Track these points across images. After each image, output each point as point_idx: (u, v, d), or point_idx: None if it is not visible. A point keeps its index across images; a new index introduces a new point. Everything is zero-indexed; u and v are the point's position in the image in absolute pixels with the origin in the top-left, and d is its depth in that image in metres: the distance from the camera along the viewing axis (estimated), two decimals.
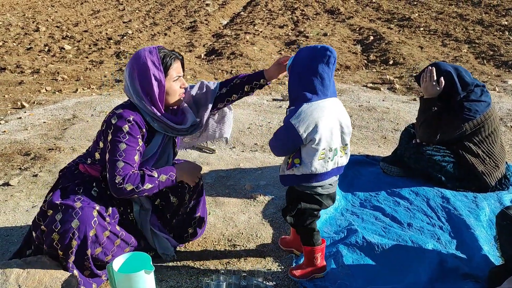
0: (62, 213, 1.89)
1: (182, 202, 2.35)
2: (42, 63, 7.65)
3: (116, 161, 1.96)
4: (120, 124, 1.97)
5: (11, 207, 2.96)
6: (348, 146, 2.03)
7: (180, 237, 2.39)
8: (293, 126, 1.86)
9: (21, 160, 3.74)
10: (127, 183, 1.95)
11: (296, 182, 2.01)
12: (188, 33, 10.29)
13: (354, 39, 9.09)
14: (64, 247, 1.89)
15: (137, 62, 2.01)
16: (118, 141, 1.97)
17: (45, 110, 5.15)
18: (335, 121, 1.92)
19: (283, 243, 2.45)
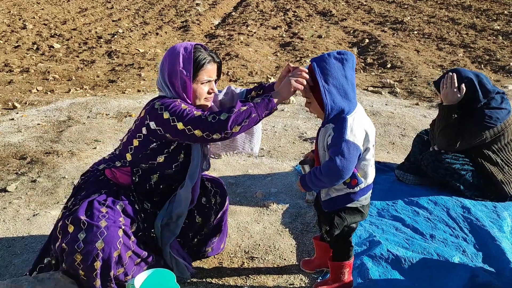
0: (86, 231, 1.76)
1: (206, 222, 2.24)
2: (31, 61, 7.40)
3: (193, 114, 1.83)
4: (168, 101, 1.89)
5: (11, 216, 2.79)
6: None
7: (199, 252, 2.27)
8: (353, 142, 1.76)
9: (17, 164, 3.56)
10: (221, 114, 1.80)
11: (351, 200, 1.88)
12: (180, 33, 10.12)
13: (349, 42, 9.05)
14: (86, 269, 1.75)
15: (169, 55, 1.94)
16: (177, 106, 1.85)
17: (38, 111, 4.95)
18: (369, 126, 1.86)
19: (309, 266, 2.26)
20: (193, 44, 1.96)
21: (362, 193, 1.89)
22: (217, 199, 2.27)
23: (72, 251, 1.74)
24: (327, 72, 1.76)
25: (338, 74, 1.77)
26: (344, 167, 1.76)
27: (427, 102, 5.36)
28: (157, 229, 2.02)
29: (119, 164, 2.02)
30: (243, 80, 6.51)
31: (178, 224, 2.08)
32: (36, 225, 2.68)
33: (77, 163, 3.57)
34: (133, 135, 1.98)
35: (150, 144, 1.93)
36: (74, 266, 1.75)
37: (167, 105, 1.87)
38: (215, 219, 2.28)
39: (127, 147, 2.00)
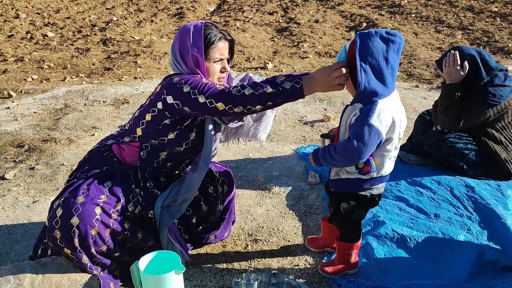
0: (63, 208, 1.73)
1: (212, 211, 2.21)
2: (26, 50, 7.30)
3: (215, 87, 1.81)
4: (187, 76, 1.87)
5: (10, 203, 2.76)
6: (400, 141, 1.83)
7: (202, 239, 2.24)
8: (376, 128, 1.65)
9: (14, 152, 3.51)
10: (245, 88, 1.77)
11: (360, 186, 1.82)
12: (175, 20, 10.01)
13: (347, 26, 8.97)
14: (68, 246, 1.72)
15: (180, 33, 1.92)
16: (198, 80, 1.83)
17: (34, 100, 4.89)
18: (402, 116, 1.75)
19: (314, 244, 2.25)
20: (204, 22, 1.93)
21: (374, 183, 1.81)
22: (225, 188, 2.23)
23: (51, 228, 1.72)
24: (368, 51, 1.66)
25: (379, 55, 1.66)
26: (360, 151, 1.68)
27: (427, 84, 5.32)
28: (157, 209, 1.97)
29: (128, 139, 1.98)
30: (240, 66, 6.45)
31: (180, 208, 2.04)
32: (36, 211, 2.65)
33: (75, 150, 3.53)
34: (146, 110, 1.94)
35: (164, 119, 1.90)
36: (58, 244, 1.73)
37: (187, 79, 1.84)
38: (221, 208, 2.25)
39: (138, 121, 1.96)
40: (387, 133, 1.70)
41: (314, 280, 2.04)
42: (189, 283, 2.01)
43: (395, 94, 1.75)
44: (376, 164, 1.77)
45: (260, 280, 1.95)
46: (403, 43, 1.70)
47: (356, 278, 2.01)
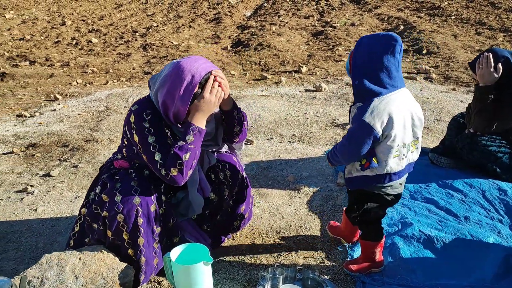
0: (121, 193, 1.84)
1: (222, 198, 2.25)
2: (71, 56, 7.68)
3: (153, 155, 1.85)
4: (140, 121, 1.87)
5: (55, 198, 2.95)
6: (420, 140, 1.88)
7: (228, 227, 2.33)
8: (368, 124, 1.71)
9: (59, 151, 3.74)
10: (170, 168, 1.83)
11: (368, 183, 1.88)
12: (213, 25, 10.23)
13: (383, 29, 8.89)
14: (131, 228, 1.84)
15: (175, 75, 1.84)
16: (146, 137, 1.86)
17: (78, 102, 5.16)
18: (407, 114, 1.79)
19: (332, 230, 2.38)
20: (203, 75, 1.85)
21: (382, 181, 1.85)
22: (226, 172, 2.22)
23: (114, 214, 1.82)
24: (361, 55, 1.77)
25: (372, 58, 1.75)
26: (354, 146, 1.77)
27: (464, 87, 5.22)
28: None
29: (120, 156, 2.07)
30: (275, 70, 6.54)
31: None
32: (78, 206, 2.82)
33: (115, 149, 3.71)
34: (123, 135, 2.01)
35: (133, 146, 1.96)
36: (119, 228, 1.84)
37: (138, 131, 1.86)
38: (234, 193, 2.27)
39: (122, 144, 2.04)
40: (385, 129, 1.74)
41: (339, 277, 2.09)
42: (218, 276, 2.10)
43: (401, 93, 1.79)
44: (377, 160, 1.81)
45: (286, 275, 2.01)
46: (400, 43, 1.74)
47: (380, 277, 2.04)
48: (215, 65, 1.98)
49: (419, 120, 1.83)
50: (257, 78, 6.14)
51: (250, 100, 4.91)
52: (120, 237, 1.86)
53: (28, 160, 3.59)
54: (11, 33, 9.76)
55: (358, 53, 1.80)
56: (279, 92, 5.30)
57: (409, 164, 1.90)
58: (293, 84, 5.68)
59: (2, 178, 3.27)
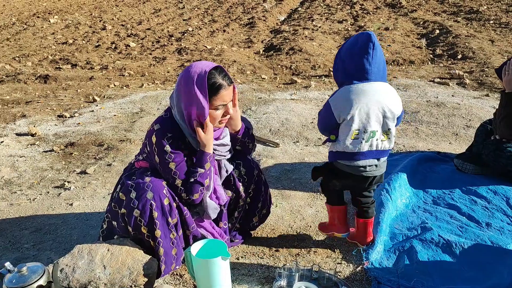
0: (135, 190, 1.97)
1: (238, 195, 2.31)
2: (110, 59, 8.01)
3: (174, 180, 2.01)
4: (162, 144, 1.99)
5: (89, 194, 3.13)
6: (392, 132, 2.09)
7: (248, 224, 2.41)
8: (329, 105, 2.06)
9: (95, 150, 3.94)
10: (193, 195, 2.02)
11: (334, 158, 2.18)
12: (246, 30, 10.38)
13: (418, 33, 8.77)
14: (147, 221, 1.96)
15: (185, 81, 1.96)
16: (167, 163, 2.00)
17: (114, 104, 5.39)
18: (375, 105, 2.00)
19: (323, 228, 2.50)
20: (207, 70, 1.95)
21: (338, 157, 2.14)
22: (241, 170, 2.29)
23: (130, 210, 1.95)
24: (341, 50, 2.11)
25: (345, 55, 2.07)
26: (319, 121, 2.21)
27: (498, 93, 5.10)
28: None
29: (141, 158, 2.19)
30: (305, 74, 6.59)
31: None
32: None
33: None
34: (144, 145, 2.12)
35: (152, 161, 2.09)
36: (137, 223, 1.96)
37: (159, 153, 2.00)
38: (250, 190, 2.33)
39: (143, 149, 2.16)
40: (342, 113, 2.03)
41: (355, 278, 2.13)
42: (237, 272, 2.19)
43: (375, 85, 2.02)
44: (333, 137, 2.13)
45: (302, 273, 2.08)
46: (373, 40, 1.99)
47: (396, 279, 2.08)
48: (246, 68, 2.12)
49: (391, 113, 2.04)
50: (287, 82, 6.22)
51: (278, 104, 4.99)
52: (140, 231, 1.98)
53: (66, 158, 3.81)
54: (55, 37, 10.26)
55: (341, 48, 2.12)
56: (308, 96, 5.35)
57: (378, 151, 2.10)
58: (322, 89, 5.72)
59: (42, 174, 3.49)
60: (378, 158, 2.12)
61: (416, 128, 4.12)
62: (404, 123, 4.27)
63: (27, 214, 2.88)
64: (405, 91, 5.32)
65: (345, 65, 2.07)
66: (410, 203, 2.76)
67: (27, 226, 2.72)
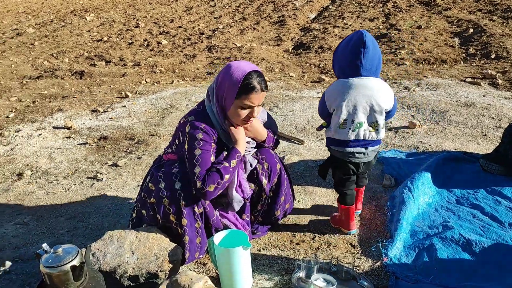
0: (164, 180, 2.08)
1: (261, 188, 2.38)
2: (142, 56, 8.22)
3: (194, 167, 2.06)
4: (194, 132, 2.09)
5: (120, 185, 3.27)
6: (379, 124, 2.28)
7: (270, 217, 2.48)
8: (324, 95, 2.33)
9: (126, 144, 4.10)
10: (208, 185, 2.04)
11: (328, 143, 2.42)
12: (276, 27, 10.42)
13: (452, 32, 8.59)
14: (175, 210, 2.07)
15: (225, 72, 2.09)
16: (194, 148, 2.08)
17: (145, 100, 5.56)
18: (363, 98, 2.21)
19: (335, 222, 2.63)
20: (248, 72, 2.05)
21: (330, 142, 2.40)
22: (264, 164, 2.36)
23: (159, 200, 2.07)
24: (338, 46, 2.33)
25: (340, 52, 2.29)
26: (318, 108, 2.43)
27: None
28: None
29: (170, 150, 2.29)
30: (333, 72, 6.59)
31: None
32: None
33: None
34: (175, 136, 2.22)
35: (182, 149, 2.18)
36: (166, 212, 2.08)
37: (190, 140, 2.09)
38: (273, 184, 2.40)
39: (173, 141, 2.26)
40: (332, 103, 2.27)
41: (373, 273, 2.17)
42: (258, 262, 2.27)
43: (365, 80, 2.22)
44: (324, 124, 2.38)
45: (321, 266, 2.14)
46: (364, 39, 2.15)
47: (414, 275, 2.10)
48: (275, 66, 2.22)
49: (379, 106, 2.23)
50: (315, 80, 6.24)
51: (305, 102, 5.03)
52: (168, 219, 2.09)
53: (99, 150, 3.98)
54: (90, 34, 10.60)
55: (336, 49, 2.34)
56: None
57: (366, 140, 2.30)
58: None
59: (77, 166, 3.67)
60: (365, 147, 2.33)
61: (444, 128, 4.08)
62: (432, 122, 4.24)
63: (62, 202, 3.04)
64: (434, 90, 5.26)
65: (340, 62, 2.29)
66: (433, 202, 2.77)
67: (62, 214, 2.88)
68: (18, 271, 2.25)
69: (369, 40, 2.17)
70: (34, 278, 2.18)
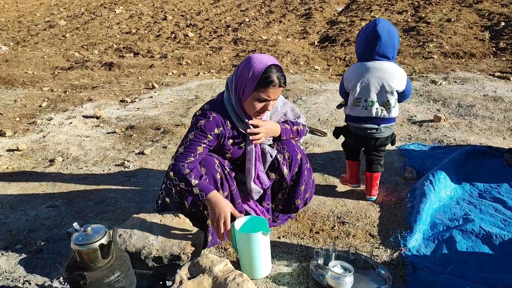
0: (188, 167, 2.14)
1: (282, 177, 2.41)
2: (169, 49, 8.36)
3: (180, 145, 2.18)
4: (199, 118, 2.18)
5: (145, 172, 3.38)
6: (391, 104, 2.55)
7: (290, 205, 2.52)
8: (343, 77, 2.68)
9: (153, 133, 4.22)
10: (171, 170, 2.13)
11: (346, 120, 2.74)
12: (303, 20, 10.40)
13: (482, 25, 8.39)
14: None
15: (246, 65, 2.14)
16: (190, 131, 2.19)
17: (171, 91, 5.68)
18: (376, 80, 2.51)
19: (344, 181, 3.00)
20: (268, 64, 2.09)
21: (347, 118, 2.72)
22: (285, 154, 2.39)
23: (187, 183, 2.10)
24: (357, 35, 2.64)
25: (358, 39, 2.61)
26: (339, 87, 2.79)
27: None
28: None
29: None
30: None
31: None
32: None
33: None
34: None
35: None
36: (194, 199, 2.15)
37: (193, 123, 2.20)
38: (294, 173, 2.43)
39: None
40: (349, 84, 2.61)
41: (391, 263, 2.20)
42: (278, 249, 2.32)
43: (379, 63, 2.51)
44: (343, 102, 2.77)
45: (339, 254, 2.18)
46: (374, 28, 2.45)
47: (432, 265, 2.12)
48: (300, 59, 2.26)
49: (390, 87, 2.52)
50: (340, 73, 6.22)
51: (329, 94, 5.04)
52: (196, 204, 2.17)
53: (126, 139, 4.11)
54: (119, 26, 10.82)
55: (357, 36, 2.64)
56: None
57: (377, 118, 2.58)
58: None
59: (105, 153, 3.80)
60: (378, 124, 2.60)
61: (470, 122, 4.03)
62: (457, 116, 4.19)
63: (91, 187, 3.17)
64: (462, 84, 5.18)
65: (358, 48, 2.62)
66: (455, 195, 2.76)
67: (91, 198, 3.00)
68: (50, 250, 2.37)
69: (383, 29, 2.45)
70: (64, 258, 2.29)
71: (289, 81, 5.84)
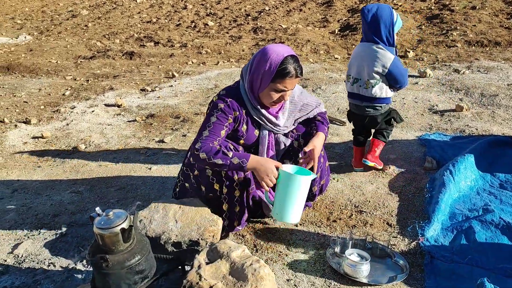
0: (205, 152, 2.15)
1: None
2: (189, 38, 8.40)
3: (203, 129, 2.17)
4: (218, 102, 2.19)
5: (165, 160, 3.44)
6: (371, 83, 2.78)
7: None
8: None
9: (172, 121, 4.27)
10: (202, 151, 2.12)
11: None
12: (323, 9, 10.27)
13: (508, 13, 8.15)
14: (218, 179, 2.17)
15: (262, 55, 2.13)
16: (211, 115, 2.18)
17: (191, 80, 5.72)
18: (360, 59, 2.80)
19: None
20: (285, 55, 2.09)
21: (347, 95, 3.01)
22: (300, 141, 2.40)
23: (203, 170, 2.17)
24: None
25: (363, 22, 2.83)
26: None
27: None
28: None
29: None
30: None
31: None
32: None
33: None
34: None
35: None
36: (209, 182, 2.19)
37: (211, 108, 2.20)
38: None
39: None
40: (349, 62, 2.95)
41: (409, 252, 2.20)
42: (295, 236, 2.35)
43: (362, 46, 2.82)
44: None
45: (356, 242, 2.19)
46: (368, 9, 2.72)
47: (450, 255, 2.11)
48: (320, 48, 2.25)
49: (367, 68, 2.76)
50: None
51: None
52: (212, 189, 2.20)
53: (147, 127, 4.17)
54: (140, 16, 10.90)
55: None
56: None
57: (359, 95, 2.85)
58: None
59: (126, 141, 3.87)
60: (361, 100, 2.85)
61: (493, 111, 3.95)
62: (480, 106, 4.11)
63: (113, 174, 3.24)
64: (485, 73, 5.07)
65: (364, 32, 2.86)
66: (475, 186, 2.73)
67: (113, 185, 3.07)
68: (73, 234, 2.45)
69: (367, 13, 2.71)
70: (87, 241, 2.37)
71: (309, 70, 5.80)
